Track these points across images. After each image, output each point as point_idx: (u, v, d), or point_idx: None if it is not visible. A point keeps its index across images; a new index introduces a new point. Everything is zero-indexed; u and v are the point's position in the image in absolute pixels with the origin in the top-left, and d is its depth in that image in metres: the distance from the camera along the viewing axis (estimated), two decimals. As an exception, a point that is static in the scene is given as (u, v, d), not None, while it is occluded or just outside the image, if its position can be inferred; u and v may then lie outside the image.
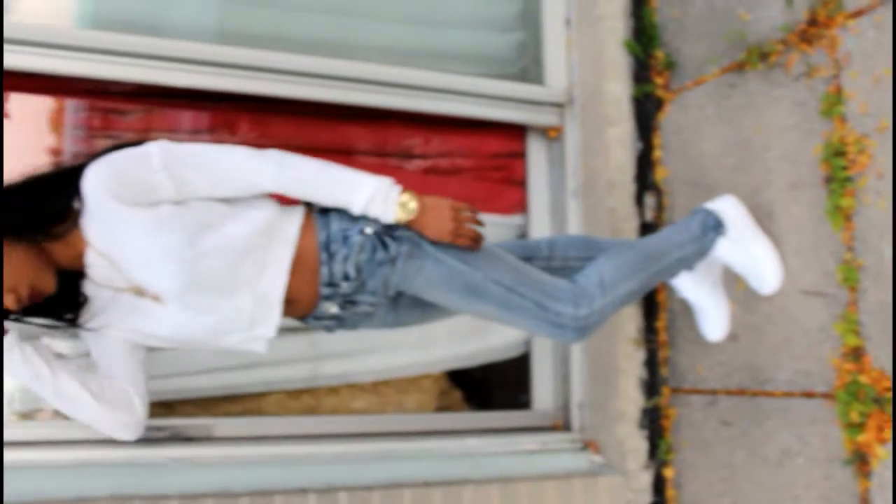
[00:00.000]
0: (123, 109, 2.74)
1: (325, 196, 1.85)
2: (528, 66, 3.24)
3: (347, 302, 1.96)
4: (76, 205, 1.75)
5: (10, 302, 1.67)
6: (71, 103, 2.71)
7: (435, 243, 1.94)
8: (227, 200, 1.83)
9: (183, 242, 1.71)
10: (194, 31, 2.78)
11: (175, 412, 2.75)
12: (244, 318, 1.85)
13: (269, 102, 2.81)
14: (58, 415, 2.64)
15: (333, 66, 2.80)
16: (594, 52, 3.11)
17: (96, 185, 1.68)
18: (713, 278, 2.66)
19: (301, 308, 1.95)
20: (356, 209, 1.86)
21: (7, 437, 2.47)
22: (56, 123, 2.70)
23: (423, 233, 1.92)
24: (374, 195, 1.84)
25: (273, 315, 1.87)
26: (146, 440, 2.56)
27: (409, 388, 3.04)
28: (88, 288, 1.86)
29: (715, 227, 2.49)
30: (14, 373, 1.76)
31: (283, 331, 1.94)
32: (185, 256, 1.71)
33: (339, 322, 2.04)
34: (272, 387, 2.86)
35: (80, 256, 1.79)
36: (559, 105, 3.12)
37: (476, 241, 1.95)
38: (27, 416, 2.61)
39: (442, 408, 3.09)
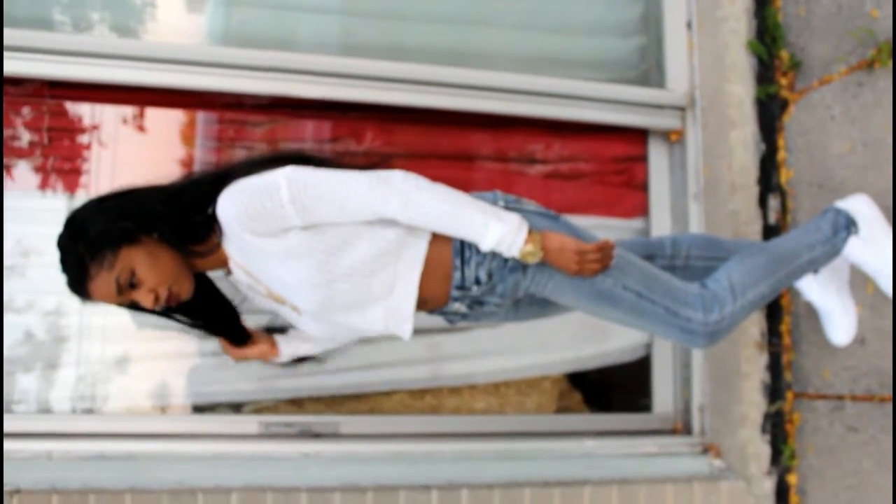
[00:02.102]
0: (255, 121, 2.87)
1: (450, 234, 1.85)
2: (649, 70, 3.24)
3: (475, 302, 1.99)
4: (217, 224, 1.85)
5: (148, 301, 1.78)
6: (202, 115, 2.87)
7: None
8: None
9: (313, 269, 1.77)
10: (319, 44, 2.90)
11: (304, 409, 2.87)
12: (377, 329, 1.92)
13: (393, 111, 2.90)
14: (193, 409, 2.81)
15: (455, 75, 2.88)
16: (716, 54, 3.08)
17: (229, 218, 1.74)
18: (839, 281, 2.60)
19: (430, 306, 2.00)
20: (484, 248, 1.85)
21: (151, 429, 2.63)
22: (187, 136, 2.85)
23: (552, 266, 1.92)
24: (498, 243, 1.82)
25: (406, 326, 1.92)
26: (277, 435, 2.68)
27: (529, 389, 3.07)
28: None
29: (847, 226, 2.41)
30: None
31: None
32: (317, 282, 1.78)
33: (462, 317, 2.07)
34: (395, 386, 2.95)
35: (223, 263, 1.89)
36: (681, 108, 3.10)
37: (602, 270, 1.95)
38: (162, 409, 2.78)
39: (561, 409, 3.12)
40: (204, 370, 2.84)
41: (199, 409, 2.83)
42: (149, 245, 1.78)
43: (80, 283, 1.77)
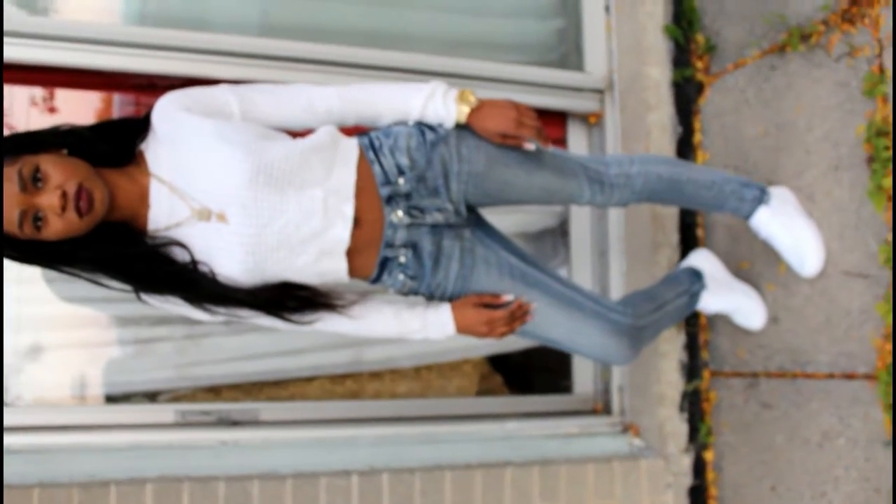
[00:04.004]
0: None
1: (382, 102, 1.89)
2: (567, 53, 3.24)
3: (413, 208, 1.89)
4: (139, 145, 1.79)
5: (55, 199, 1.58)
6: (118, 98, 2.78)
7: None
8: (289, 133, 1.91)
9: (251, 136, 1.75)
10: (237, 24, 2.83)
11: (221, 397, 2.82)
12: (317, 210, 1.77)
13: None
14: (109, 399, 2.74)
15: (374, 57, 2.83)
16: (634, 38, 3.10)
17: (167, 104, 1.77)
18: (723, 280, 2.69)
19: (367, 227, 1.86)
20: (416, 110, 1.89)
21: (62, 420, 2.55)
22: (103, 118, 2.76)
23: (484, 125, 1.91)
24: (433, 92, 1.88)
25: (347, 209, 1.80)
26: (194, 424, 2.63)
27: (450, 373, 3.07)
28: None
29: (760, 197, 2.46)
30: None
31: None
32: (253, 148, 1.72)
33: (415, 256, 1.94)
34: (316, 372, 2.91)
35: (142, 198, 1.75)
36: (599, 91, 3.11)
37: (538, 134, 1.95)
38: (80, 400, 2.70)
39: (483, 392, 3.12)
40: (119, 359, 2.77)
41: (113, 399, 2.76)
42: (56, 153, 1.66)
43: None
